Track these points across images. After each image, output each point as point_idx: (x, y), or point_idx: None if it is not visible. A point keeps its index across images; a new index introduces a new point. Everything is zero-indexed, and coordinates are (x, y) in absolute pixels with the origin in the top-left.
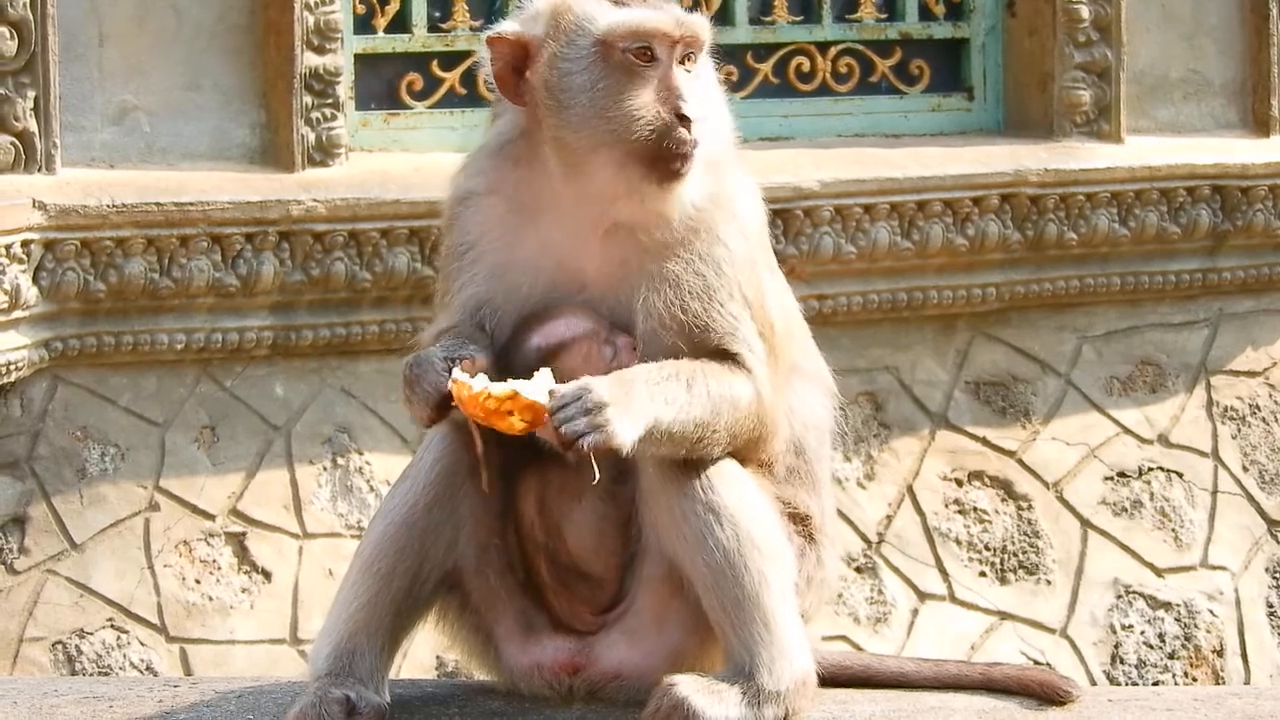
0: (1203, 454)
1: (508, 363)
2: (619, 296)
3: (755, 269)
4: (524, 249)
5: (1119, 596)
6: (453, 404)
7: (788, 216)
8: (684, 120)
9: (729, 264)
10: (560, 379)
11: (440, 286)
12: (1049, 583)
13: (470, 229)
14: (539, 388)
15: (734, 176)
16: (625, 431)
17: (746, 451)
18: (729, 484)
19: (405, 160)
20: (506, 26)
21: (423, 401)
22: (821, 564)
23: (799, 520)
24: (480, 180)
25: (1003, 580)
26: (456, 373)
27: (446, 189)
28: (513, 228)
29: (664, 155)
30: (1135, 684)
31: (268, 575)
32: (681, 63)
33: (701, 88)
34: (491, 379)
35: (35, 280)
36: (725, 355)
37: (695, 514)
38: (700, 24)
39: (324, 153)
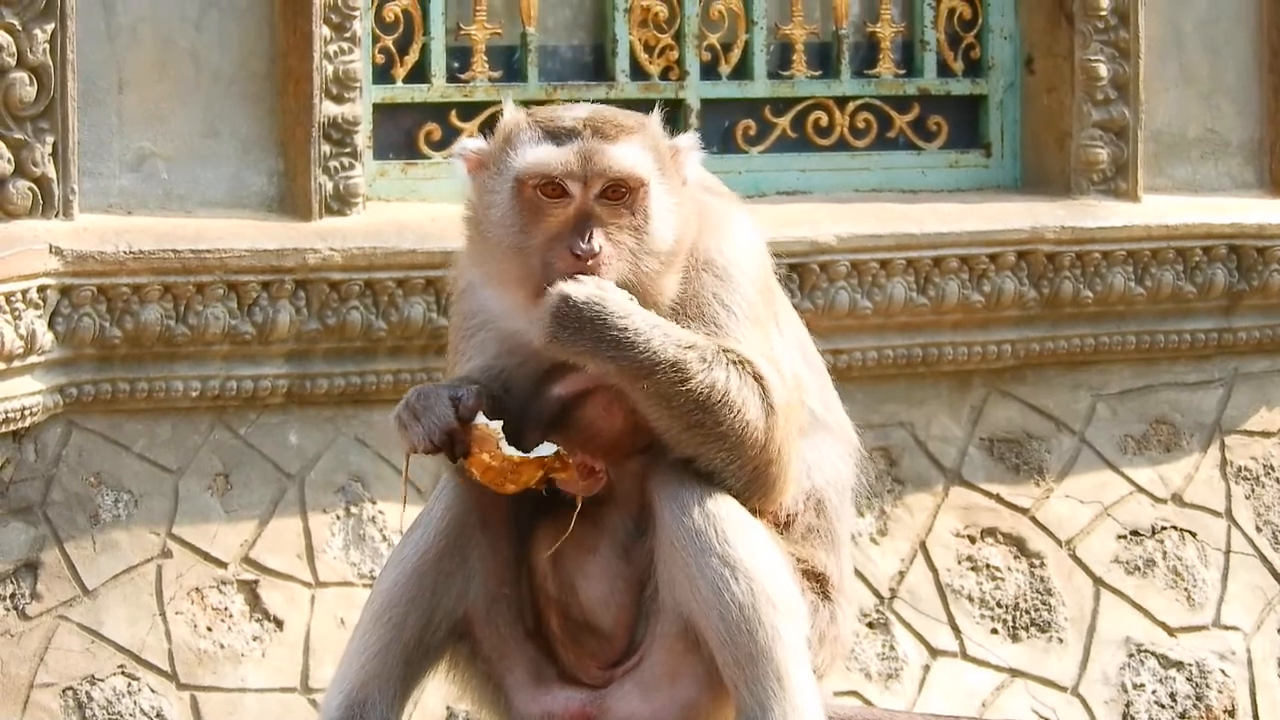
0: (1216, 514)
1: (524, 416)
2: None
3: (756, 323)
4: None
5: (1131, 655)
6: (461, 442)
7: (804, 270)
8: (579, 259)
9: (727, 320)
10: (578, 430)
11: (450, 347)
12: (1061, 640)
13: (479, 310)
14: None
15: (716, 239)
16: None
17: (755, 498)
18: (744, 538)
19: (422, 210)
20: (471, 144)
21: (425, 436)
22: (835, 621)
23: (815, 578)
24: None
25: (1015, 637)
26: (481, 418)
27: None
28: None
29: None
30: None
31: (280, 623)
32: (607, 196)
33: (634, 221)
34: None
35: (51, 326)
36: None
37: (711, 568)
38: (618, 163)
39: (341, 201)
